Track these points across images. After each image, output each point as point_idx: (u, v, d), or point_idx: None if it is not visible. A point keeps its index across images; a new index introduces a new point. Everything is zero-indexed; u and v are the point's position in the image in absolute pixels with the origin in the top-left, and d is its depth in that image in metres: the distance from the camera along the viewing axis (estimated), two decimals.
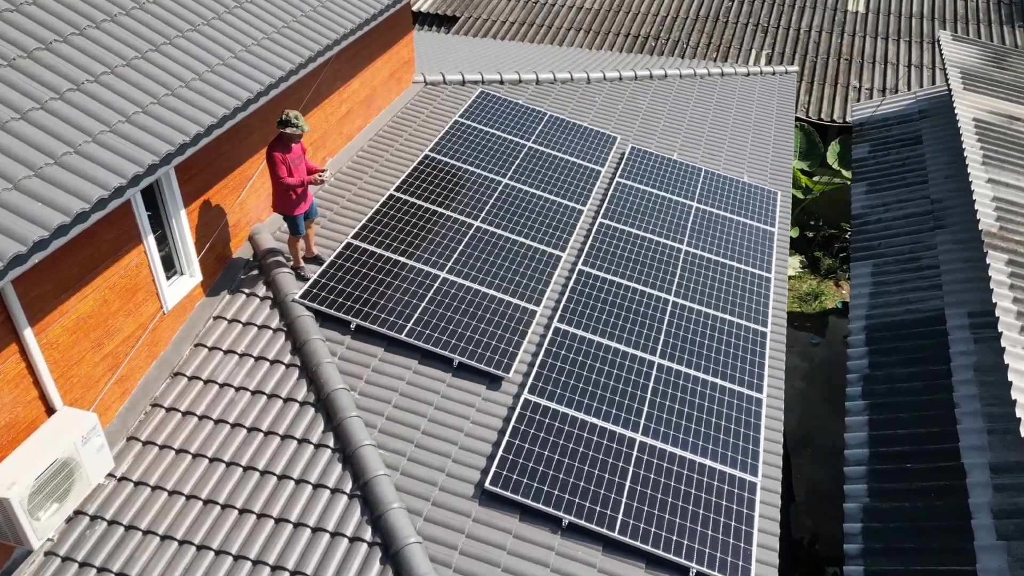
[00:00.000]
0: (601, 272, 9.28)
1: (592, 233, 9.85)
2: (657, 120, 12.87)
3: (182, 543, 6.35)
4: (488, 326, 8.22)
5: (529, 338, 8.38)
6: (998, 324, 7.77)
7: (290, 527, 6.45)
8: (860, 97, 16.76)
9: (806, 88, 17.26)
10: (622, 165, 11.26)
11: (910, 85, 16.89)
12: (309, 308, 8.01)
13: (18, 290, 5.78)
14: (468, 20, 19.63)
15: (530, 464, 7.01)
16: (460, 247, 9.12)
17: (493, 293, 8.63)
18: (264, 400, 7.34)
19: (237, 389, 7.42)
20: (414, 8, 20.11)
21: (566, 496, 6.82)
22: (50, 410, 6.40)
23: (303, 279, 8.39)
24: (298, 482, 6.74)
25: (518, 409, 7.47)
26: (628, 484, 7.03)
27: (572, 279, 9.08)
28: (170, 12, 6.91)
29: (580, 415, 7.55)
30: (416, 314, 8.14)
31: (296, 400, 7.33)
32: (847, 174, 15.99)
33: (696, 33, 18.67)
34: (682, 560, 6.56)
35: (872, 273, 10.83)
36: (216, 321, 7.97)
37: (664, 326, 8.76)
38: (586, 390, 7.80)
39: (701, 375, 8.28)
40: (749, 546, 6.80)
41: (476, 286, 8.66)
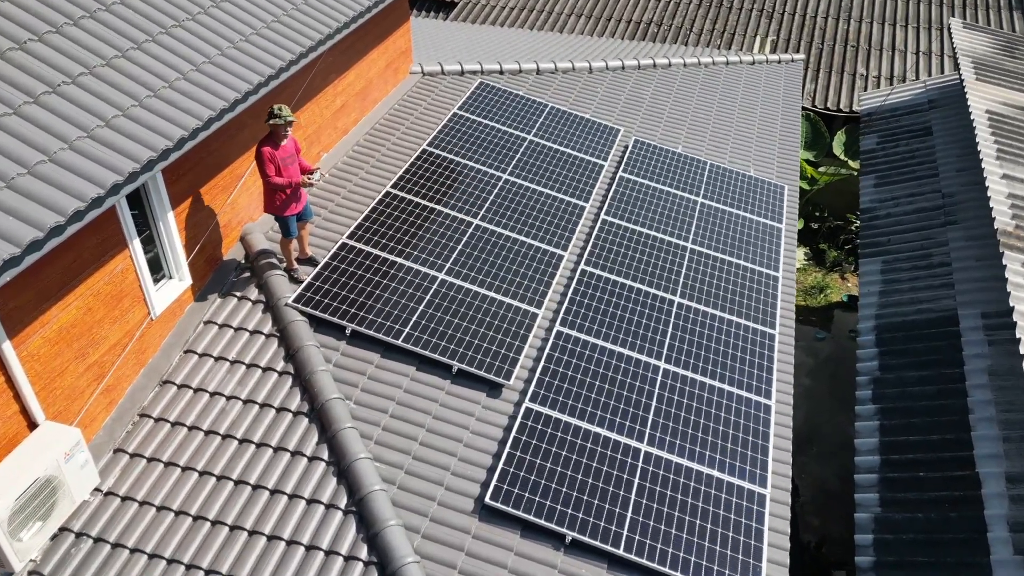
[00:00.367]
0: (604, 272, 9.00)
1: (595, 231, 9.57)
2: (661, 111, 12.55)
3: (171, 562, 6.11)
4: (488, 330, 7.95)
5: (530, 342, 8.11)
6: (1016, 328, 7.50)
7: (283, 545, 6.21)
8: (867, 85, 16.41)
9: (812, 76, 16.90)
10: (625, 159, 10.96)
11: (918, 73, 16.54)
12: (302, 312, 7.73)
13: None
14: (467, 5, 19.22)
15: (532, 477, 6.77)
16: (459, 247, 8.84)
17: (493, 295, 8.36)
18: (256, 410, 7.09)
19: (228, 398, 7.17)
20: None
21: (569, 511, 6.58)
22: (32, 424, 6.14)
23: (296, 282, 8.11)
24: (291, 497, 6.50)
25: (519, 418, 7.22)
26: (633, 498, 6.79)
27: (574, 280, 8.81)
28: (153, 7, 6.58)
29: (583, 424, 7.30)
30: (413, 318, 7.87)
31: (289, 410, 7.08)
32: (854, 164, 15.67)
33: (699, 19, 18.27)
34: None
35: (881, 270, 10.56)
36: (207, 326, 7.70)
37: (669, 328, 8.50)
38: (589, 397, 7.55)
39: (708, 380, 8.03)
40: (759, 562, 6.57)
41: (475, 288, 8.39)
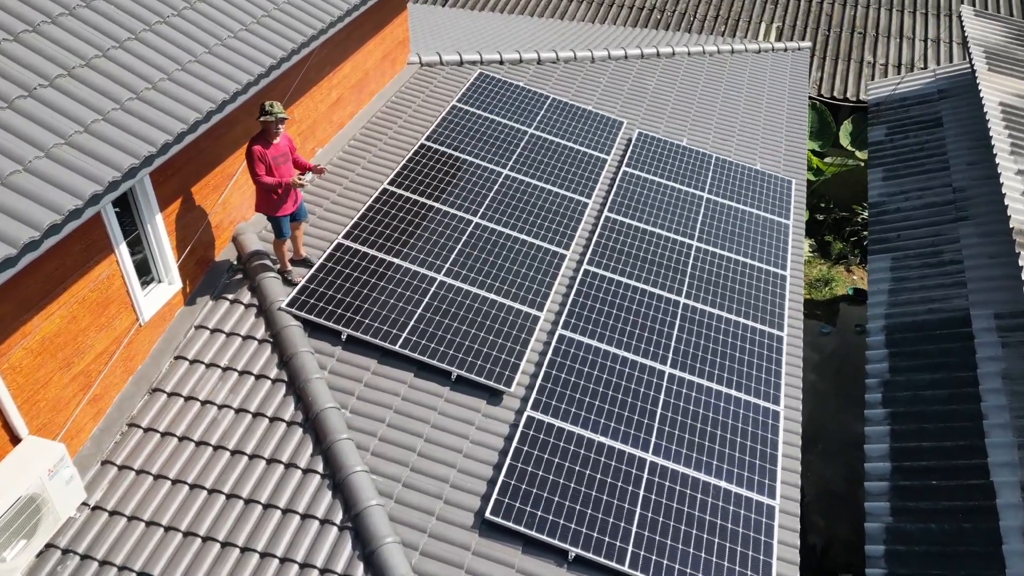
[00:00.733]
0: (607, 272, 8.75)
1: (598, 229, 9.30)
2: (665, 102, 12.25)
3: None
4: (488, 334, 7.71)
5: (532, 346, 7.87)
6: None
7: (276, 562, 6.00)
8: (875, 74, 16.08)
9: (818, 63, 16.55)
10: (629, 152, 10.68)
11: (927, 61, 16.20)
12: (296, 317, 7.49)
13: None
14: None
15: (533, 490, 6.55)
16: (458, 246, 8.58)
17: (493, 297, 8.11)
18: (249, 420, 6.86)
19: (220, 407, 6.94)
20: None
21: (572, 526, 6.37)
22: (14, 439, 5.91)
23: (290, 284, 7.86)
24: (285, 512, 6.28)
25: (520, 428, 6.99)
26: (639, 511, 6.57)
27: (577, 280, 8.56)
28: (136, 2, 6.26)
29: (586, 433, 7.07)
30: (411, 322, 7.63)
31: (283, 420, 6.85)
32: (860, 155, 15.38)
33: (703, 4, 17.89)
34: None
35: (891, 267, 10.30)
36: (198, 331, 7.46)
37: (675, 331, 8.25)
38: (592, 405, 7.32)
39: (714, 386, 7.80)
40: None
41: (475, 289, 8.14)
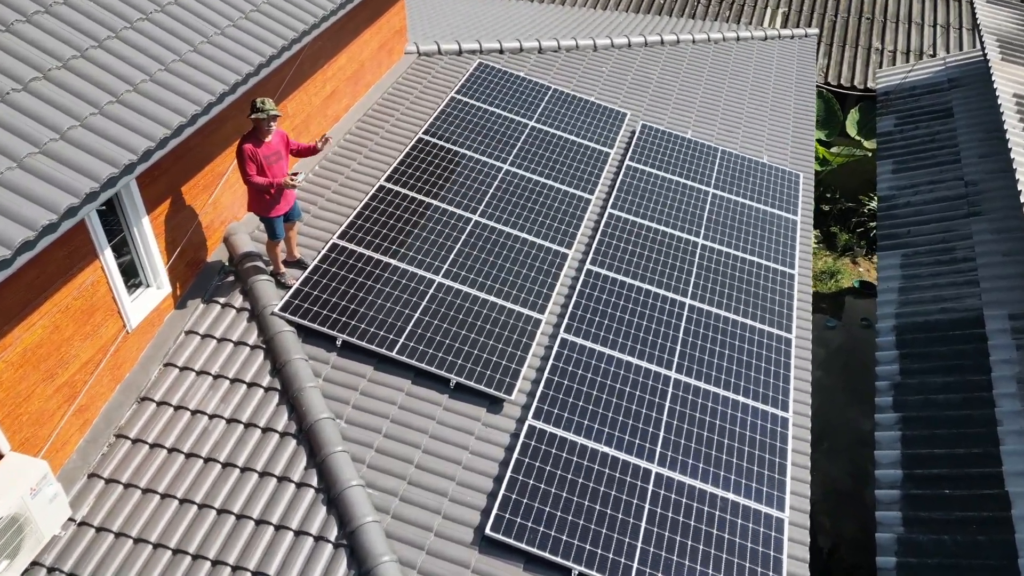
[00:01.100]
0: (611, 272, 8.49)
1: (601, 226, 9.04)
2: (669, 92, 11.93)
3: None
4: (488, 339, 7.47)
5: (534, 351, 7.63)
6: None
7: None
8: (883, 61, 15.74)
9: (824, 50, 16.21)
10: (632, 146, 10.39)
11: (935, 47, 15.85)
12: (290, 322, 7.24)
13: None
14: None
15: (535, 504, 6.33)
16: (457, 246, 8.32)
17: (493, 299, 7.86)
18: (240, 430, 6.63)
19: (211, 417, 6.71)
20: None
21: (575, 542, 6.15)
22: None
23: (284, 287, 7.61)
24: (278, 528, 6.06)
25: (521, 438, 6.77)
26: (644, 525, 6.36)
27: (579, 281, 8.30)
28: None
29: (590, 443, 6.85)
30: (409, 327, 7.38)
31: (276, 430, 6.62)
32: (868, 144, 15.07)
33: None
34: None
35: (901, 264, 10.04)
36: (188, 336, 7.21)
37: (680, 335, 8.01)
38: (596, 413, 7.09)
39: (721, 392, 7.57)
40: None
41: (474, 291, 7.88)
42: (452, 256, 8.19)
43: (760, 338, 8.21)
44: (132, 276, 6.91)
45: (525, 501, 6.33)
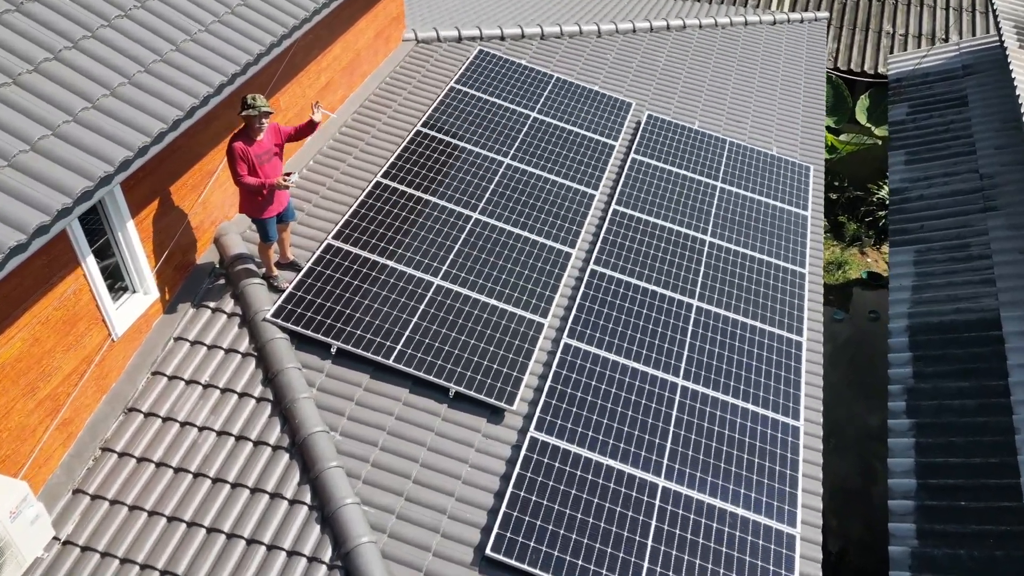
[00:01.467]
0: (615, 272, 8.21)
1: (605, 224, 8.73)
2: (675, 80, 11.58)
3: None
4: (488, 345, 7.20)
5: (536, 357, 7.36)
6: None
7: None
8: (894, 46, 15.33)
9: (834, 34, 15.80)
10: (638, 138, 10.05)
11: (948, 31, 15.44)
12: (282, 328, 6.97)
13: None
14: None
15: (537, 522, 6.09)
16: (456, 245, 8.02)
17: (494, 303, 7.58)
18: (231, 443, 6.38)
19: (200, 429, 6.45)
20: None
21: (579, 562, 5.92)
22: None
23: (276, 290, 7.33)
24: (270, 548, 5.82)
25: (523, 451, 6.52)
26: (650, 544, 6.12)
27: (583, 283, 8.02)
28: None
29: (594, 456, 6.60)
30: (406, 333, 7.11)
31: (268, 444, 6.37)
32: (878, 132, 14.71)
33: None
34: None
35: (914, 261, 9.75)
36: (177, 343, 6.94)
37: (687, 338, 7.74)
38: (600, 423, 6.84)
39: (730, 399, 7.31)
40: None
41: (474, 294, 7.60)
42: (451, 257, 7.90)
43: (769, 341, 7.94)
44: (118, 279, 6.63)
45: (527, 519, 6.09)
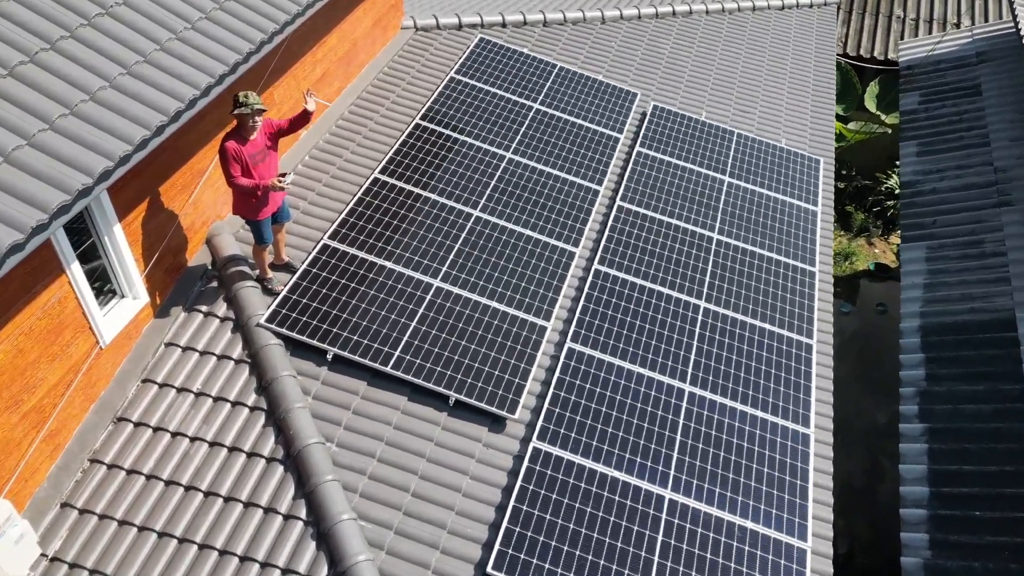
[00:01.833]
0: (620, 272, 7.97)
1: (609, 221, 8.48)
2: (682, 69, 11.26)
3: None
4: (490, 350, 6.98)
5: (539, 361, 7.14)
6: None
7: None
8: (905, 31, 14.98)
9: (843, 18, 15.45)
10: (643, 130, 9.77)
11: (960, 15, 15.08)
12: (277, 334, 6.74)
13: None
14: None
15: (540, 538, 5.90)
16: (456, 245, 7.78)
17: (495, 305, 7.34)
18: (224, 455, 6.17)
19: (192, 440, 6.24)
20: None
21: None
22: None
23: (271, 293, 7.10)
24: (264, 566, 5.63)
25: (525, 462, 6.31)
26: (657, 560, 5.93)
27: (587, 283, 7.78)
28: None
29: (599, 467, 6.39)
30: (405, 338, 6.88)
31: (262, 455, 6.16)
32: (887, 120, 14.40)
33: None
34: None
35: (926, 258, 9.50)
36: (168, 349, 6.72)
37: (694, 342, 7.51)
38: (605, 432, 6.63)
39: (738, 406, 7.09)
40: None
41: (475, 297, 7.37)
42: (451, 257, 7.65)
43: (779, 344, 7.71)
44: (105, 282, 6.39)
45: (529, 534, 5.89)
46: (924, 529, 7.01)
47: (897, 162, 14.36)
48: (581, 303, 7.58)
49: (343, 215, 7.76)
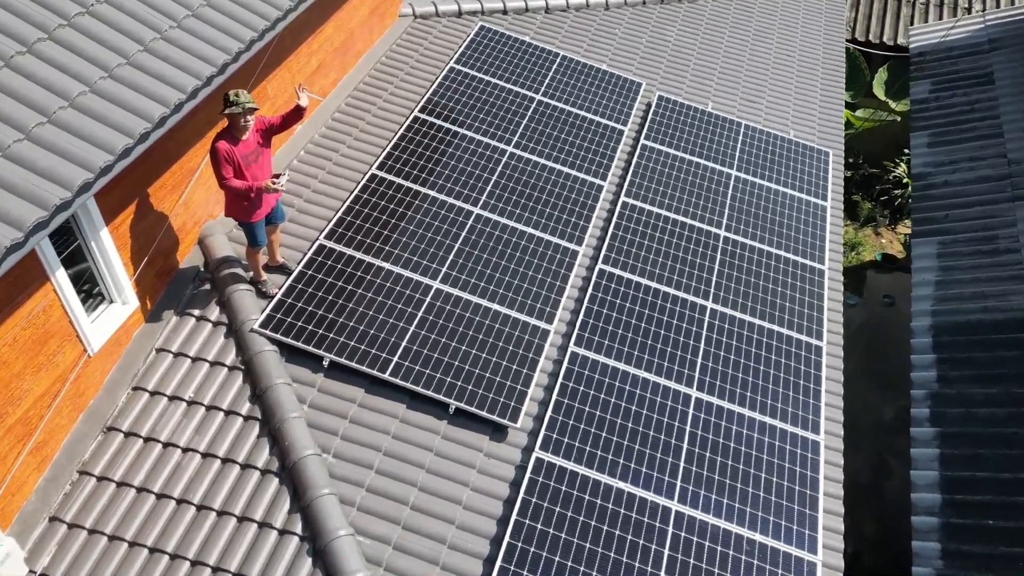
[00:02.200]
0: (624, 272, 7.75)
1: (613, 218, 8.25)
2: (687, 57, 10.97)
3: None
4: (491, 355, 6.77)
5: (541, 366, 6.93)
6: None
7: None
8: (915, 15, 14.62)
9: (852, 2, 15.07)
10: (648, 121, 9.50)
11: (972, 0, 14.71)
12: (271, 339, 6.54)
13: None
14: None
15: (543, 553, 5.72)
16: (456, 245, 7.55)
17: (496, 308, 7.13)
18: (217, 467, 5.99)
19: (184, 450, 6.06)
20: None
21: None
22: None
23: (265, 297, 6.88)
24: None
25: (528, 474, 6.13)
26: (663, 575, 5.76)
27: (590, 284, 7.56)
28: None
29: (603, 478, 6.21)
30: (403, 343, 6.68)
31: (256, 467, 5.97)
32: (896, 107, 14.09)
33: None
34: None
35: (938, 254, 9.26)
36: (159, 355, 6.52)
37: (701, 345, 7.31)
38: (610, 442, 6.44)
39: (746, 412, 6.90)
40: None
41: (476, 299, 7.16)
42: (451, 257, 7.43)
43: (787, 347, 7.51)
44: (93, 285, 6.18)
45: (532, 550, 5.72)
46: (936, 538, 6.84)
47: (906, 150, 14.09)
48: (585, 304, 7.36)
49: (339, 214, 7.53)
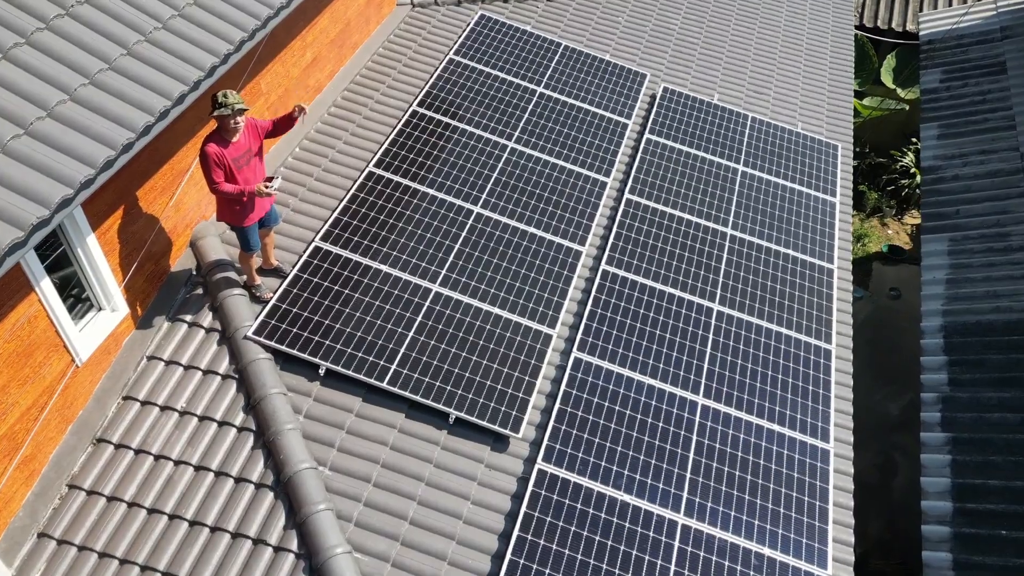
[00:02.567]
0: (629, 273, 7.54)
1: (618, 217, 8.03)
2: (692, 46, 10.70)
3: None
4: (492, 362, 6.59)
5: (544, 372, 6.75)
6: None
7: None
8: (924, 1, 14.30)
9: None
10: (652, 115, 9.26)
11: None
12: (265, 347, 6.34)
13: None
14: None
15: (547, 571, 5.56)
16: (456, 245, 7.35)
17: (498, 312, 6.94)
18: (211, 480, 5.82)
19: (176, 463, 5.88)
20: None
21: None
22: None
23: (259, 301, 6.68)
24: None
25: (530, 486, 5.96)
26: None
27: (594, 286, 7.36)
28: None
29: (608, 491, 6.04)
30: (402, 350, 6.49)
31: (251, 481, 5.80)
32: (905, 95, 13.81)
33: None
34: None
35: (948, 251, 9.05)
36: (150, 363, 6.33)
37: (707, 349, 7.12)
38: (614, 452, 6.27)
39: (754, 420, 6.72)
40: None
41: (476, 303, 6.96)
42: (451, 259, 7.23)
43: (795, 350, 7.32)
44: (81, 291, 5.97)
45: (535, 567, 5.56)
46: (947, 548, 6.69)
47: (913, 139, 13.84)
48: (588, 308, 7.17)
49: (335, 214, 7.32)
